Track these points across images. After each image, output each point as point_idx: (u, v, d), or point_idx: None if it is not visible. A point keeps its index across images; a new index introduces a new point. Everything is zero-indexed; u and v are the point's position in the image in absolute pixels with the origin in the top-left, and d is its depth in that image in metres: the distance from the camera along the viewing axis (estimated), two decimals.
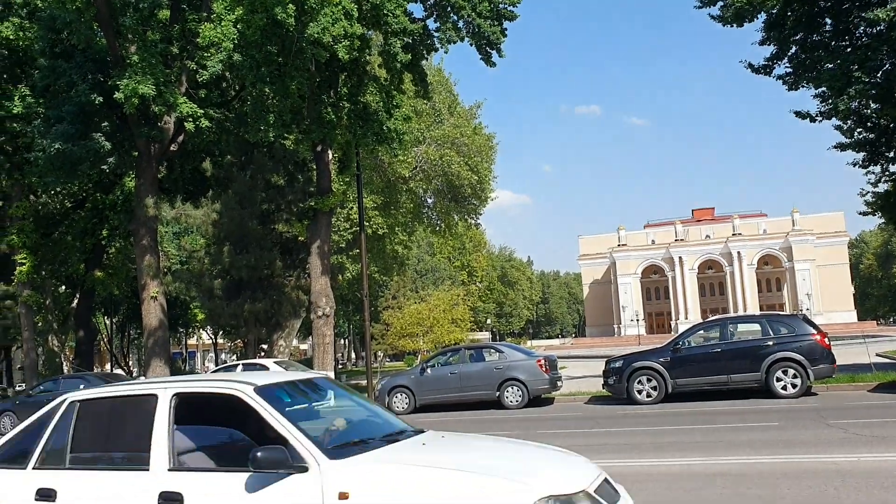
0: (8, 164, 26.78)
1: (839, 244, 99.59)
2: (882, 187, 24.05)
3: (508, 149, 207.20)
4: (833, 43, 21.03)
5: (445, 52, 21.61)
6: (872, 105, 21.46)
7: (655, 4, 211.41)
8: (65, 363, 36.79)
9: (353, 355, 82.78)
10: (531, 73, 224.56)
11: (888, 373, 18.25)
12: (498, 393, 18.39)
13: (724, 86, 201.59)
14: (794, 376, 15.89)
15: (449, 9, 21.00)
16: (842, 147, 23.17)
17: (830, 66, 20.30)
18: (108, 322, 56.78)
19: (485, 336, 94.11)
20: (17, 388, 39.54)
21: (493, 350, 20.11)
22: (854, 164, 23.41)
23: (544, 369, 18.47)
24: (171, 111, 23.30)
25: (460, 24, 21.30)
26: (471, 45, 21.60)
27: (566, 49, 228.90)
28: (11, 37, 24.73)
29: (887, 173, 23.46)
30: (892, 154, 22.70)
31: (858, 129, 22.87)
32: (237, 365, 21.10)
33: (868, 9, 19.30)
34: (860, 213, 25.38)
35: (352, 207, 32.39)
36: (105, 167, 26.49)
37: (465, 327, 50.65)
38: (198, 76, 23.29)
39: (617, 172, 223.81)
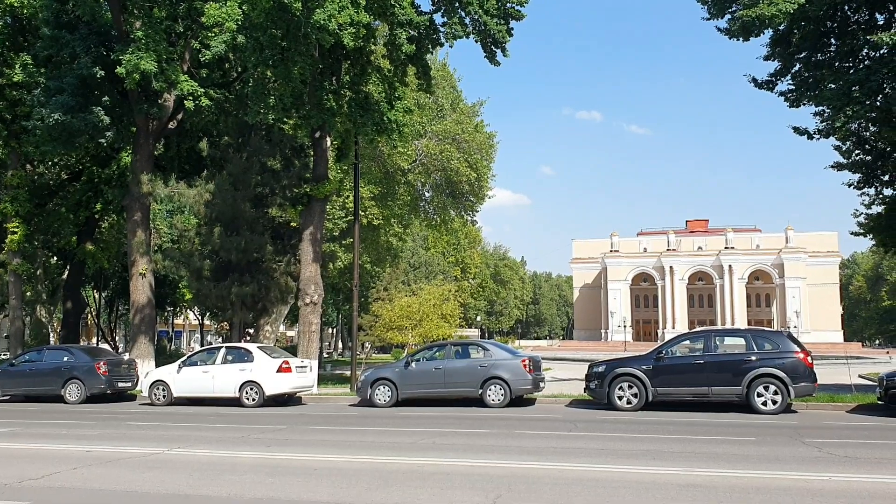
0: (6, 132, 26.69)
1: (831, 264, 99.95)
2: (875, 209, 24.20)
3: (509, 148, 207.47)
4: (837, 63, 21.12)
5: (451, 47, 21.67)
6: (871, 128, 21.61)
7: (662, 15, 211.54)
8: (52, 334, 36.73)
9: (339, 345, 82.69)
10: (535, 74, 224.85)
11: (867, 394, 18.37)
12: (481, 391, 18.37)
13: (726, 99, 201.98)
14: (775, 393, 15.97)
15: (457, 4, 20.98)
16: (839, 167, 23.35)
17: (833, 85, 20.40)
18: (97, 296, 56.56)
19: (474, 333, 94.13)
20: (1, 357, 39.45)
21: (478, 347, 20.03)
22: (850, 185, 23.55)
23: (528, 369, 18.47)
24: (172, 89, 23.32)
25: (467, 20, 21.29)
26: (476, 42, 21.60)
27: (571, 53, 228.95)
28: (16, 4, 24.64)
29: (881, 196, 23.61)
30: (886, 177, 22.85)
31: (856, 151, 23.04)
32: (220, 348, 21.03)
33: (873, 32, 19.40)
34: (852, 234, 25.54)
35: (348, 196, 32.36)
36: (103, 141, 26.47)
37: (454, 323, 50.48)
38: (201, 56, 23.32)
39: (614, 179, 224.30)
